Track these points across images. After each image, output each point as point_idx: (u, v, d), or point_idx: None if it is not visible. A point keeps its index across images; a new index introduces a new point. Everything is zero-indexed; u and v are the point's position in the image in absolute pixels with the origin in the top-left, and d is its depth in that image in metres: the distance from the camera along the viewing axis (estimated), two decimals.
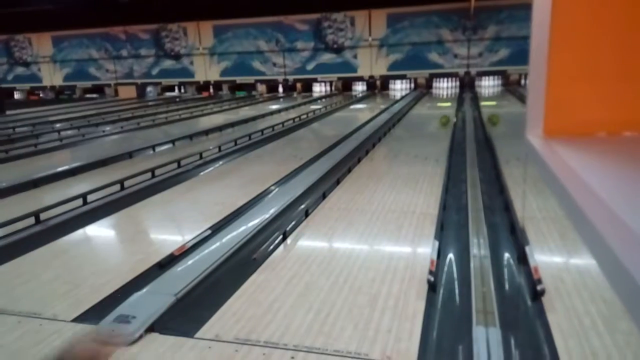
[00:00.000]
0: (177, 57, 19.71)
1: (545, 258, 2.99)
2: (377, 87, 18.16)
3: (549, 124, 1.21)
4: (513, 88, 15.93)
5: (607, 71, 1.21)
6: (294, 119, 10.42)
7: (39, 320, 2.45)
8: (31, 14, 19.02)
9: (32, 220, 3.97)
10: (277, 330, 2.27)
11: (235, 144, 7.45)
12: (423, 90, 17.16)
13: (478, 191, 4.47)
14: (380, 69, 17.69)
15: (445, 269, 2.96)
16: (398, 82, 17.94)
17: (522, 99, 12.60)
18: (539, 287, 2.51)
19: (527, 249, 2.94)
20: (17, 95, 21.63)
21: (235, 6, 17.54)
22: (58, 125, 10.80)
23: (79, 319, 2.46)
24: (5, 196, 4.95)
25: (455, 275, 2.89)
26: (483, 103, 12.63)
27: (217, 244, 3.38)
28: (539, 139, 1.20)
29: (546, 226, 3.47)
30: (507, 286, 2.72)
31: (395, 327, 2.26)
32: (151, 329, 2.30)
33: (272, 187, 4.96)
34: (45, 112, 14.01)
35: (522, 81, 16.47)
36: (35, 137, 9.09)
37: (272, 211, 4.04)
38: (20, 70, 21.63)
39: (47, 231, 3.86)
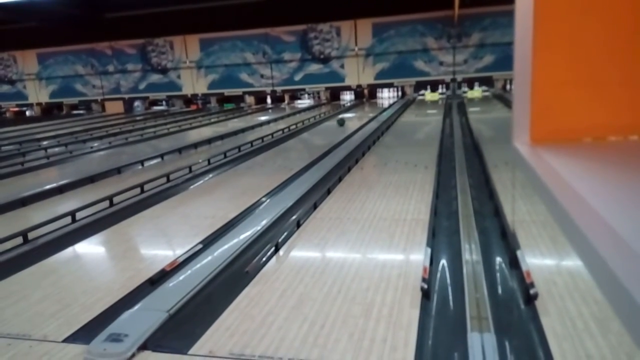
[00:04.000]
0: (164, 71, 19.69)
1: (536, 261, 3.01)
2: (365, 95, 18.28)
3: (535, 130, 1.22)
4: (499, 93, 16.12)
5: (591, 77, 1.23)
6: (283, 129, 10.44)
7: (28, 342, 2.41)
8: (16, 32, 18.94)
9: (20, 239, 3.92)
10: (271, 343, 2.26)
11: (225, 157, 7.44)
12: (410, 97, 17.30)
13: (468, 197, 4.49)
14: (367, 78, 17.82)
15: (438, 275, 2.97)
16: (385, 90, 18.09)
17: (507, 104, 12.75)
18: (531, 291, 2.52)
19: (518, 253, 2.95)
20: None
21: (221, 19, 17.60)
22: (45, 142, 10.71)
23: (70, 339, 2.43)
24: None
25: (448, 281, 2.89)
26: (470, 109, 12.76)
27: (209, 258, 3.35)
28: (526, 146, 1.21)
29: (536, 230, 3.50)
30: (500, 291, 2.73)
31: (390, 336, 2.26)
32: (144, 347, 2.27)
33: (263, 199, 4.95)
34: (32, 129, 13.89)
35: (508, 86, 16.69)
36: (22, 155, 9.00)
37: (263, 223, 4.03)
38: (5, 88, 21.48)
39: (35, 250, 3.81)
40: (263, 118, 13.92)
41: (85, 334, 2.46)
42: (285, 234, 3.80)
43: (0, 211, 5.03)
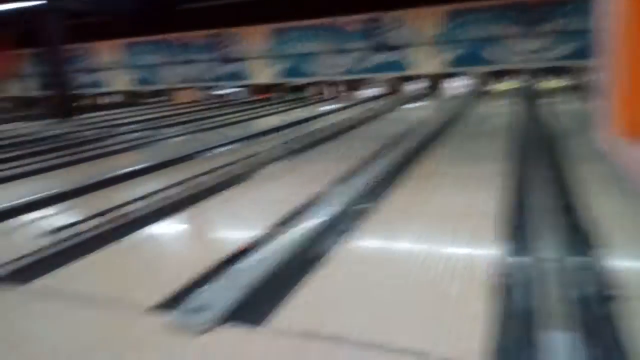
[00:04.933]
0: (234, 60, 20.31)
1: (620, 260, 2.87)
2: (434, 85, 17.89)
3: (619, 123, 1.19)
4: (577, 84, 15.23)
5: None
6: (349, 118, 10.48)
7: (113, 311, 2.63)
8: (92, 25, 20.30)
9: (102, 218, 4.25)
10: (341, 324, 2.33)
11: (292, 144, 7.60)
12: (482, 87, 16.72)
13: (544, 191, 4.33)
14: (435, 67, 17.41)
15: (511, 270, 2.91)
16: (455, 79, 17.60)
17: (587, 95, 12.04)
18: (613, 291, 2.42)
19: (599, 250, 2.84)
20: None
21: (291, 10, 17.86)
22: (123, 128, 11.42)
23: (153, 309, 2.63)
24: (80, 195, 5.33)
25: (520, 276, 2.83)
26: (546, 100, 12.17)
27: (281, 240, 3.49)
28: (609, 139, 1.18)
29: (620, 225, 3.33)
30: (578, 289, 2.64)
31: (456, 327, 2.26)
32: (223, 320, 2.42)
33: (331, 187, 5.04)
34: (110, 116, 14.83)
35: (588, 76, 15.71)
36: (102, 139, 9.67)
37: (331, 210, 4.11)
38: (86, 76, 23.08)
39: (121, 227, 4.12)
40: (329, 107, 14.02)
41: (168, 305, 2.65)
42: (352, 222, 3.86)
43: (85, 191, 5.47)
